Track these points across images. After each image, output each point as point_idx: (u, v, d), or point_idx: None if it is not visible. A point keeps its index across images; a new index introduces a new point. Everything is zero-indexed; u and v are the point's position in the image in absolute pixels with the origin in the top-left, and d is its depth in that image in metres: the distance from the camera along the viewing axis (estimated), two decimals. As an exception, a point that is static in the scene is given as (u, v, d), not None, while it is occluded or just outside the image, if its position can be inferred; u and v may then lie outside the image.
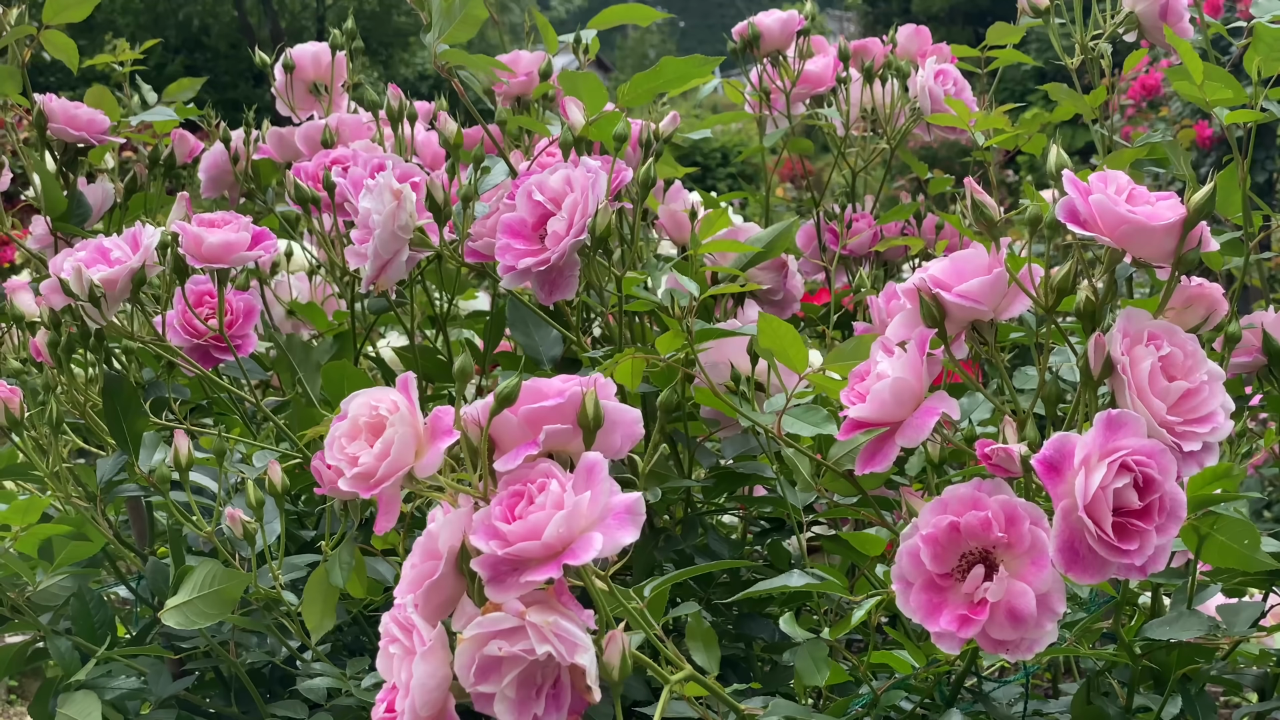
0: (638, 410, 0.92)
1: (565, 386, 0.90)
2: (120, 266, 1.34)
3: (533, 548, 0.83)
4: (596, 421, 0.89)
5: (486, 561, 0.84)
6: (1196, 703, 1.21)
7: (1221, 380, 0.95)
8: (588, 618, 0.87)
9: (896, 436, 0.97)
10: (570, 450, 0.90)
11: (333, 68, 1.72)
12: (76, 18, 1.58)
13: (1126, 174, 0.96)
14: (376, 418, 0.90)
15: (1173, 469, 0.90)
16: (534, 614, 0.84)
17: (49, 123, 1.60)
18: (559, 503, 0.84)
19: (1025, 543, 0.89)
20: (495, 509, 0.86)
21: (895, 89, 1.75)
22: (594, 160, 1.27)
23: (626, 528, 0.85)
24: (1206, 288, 1.03)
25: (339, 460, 0.90)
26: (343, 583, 1.26)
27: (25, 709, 2.88)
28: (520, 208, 1.29)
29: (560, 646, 0.84)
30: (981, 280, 0.96)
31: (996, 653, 0.90)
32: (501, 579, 0.84)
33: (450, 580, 0.87)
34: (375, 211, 1.27)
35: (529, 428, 0.89)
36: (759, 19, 1.82)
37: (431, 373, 1.58)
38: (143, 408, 1.43)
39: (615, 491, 0.86)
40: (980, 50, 1.82)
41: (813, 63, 1.83)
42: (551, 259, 1.25)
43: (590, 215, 1.22)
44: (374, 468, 0.89)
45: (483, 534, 0.85)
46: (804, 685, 1.11)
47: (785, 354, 1.09)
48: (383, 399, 0.90)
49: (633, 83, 1.41)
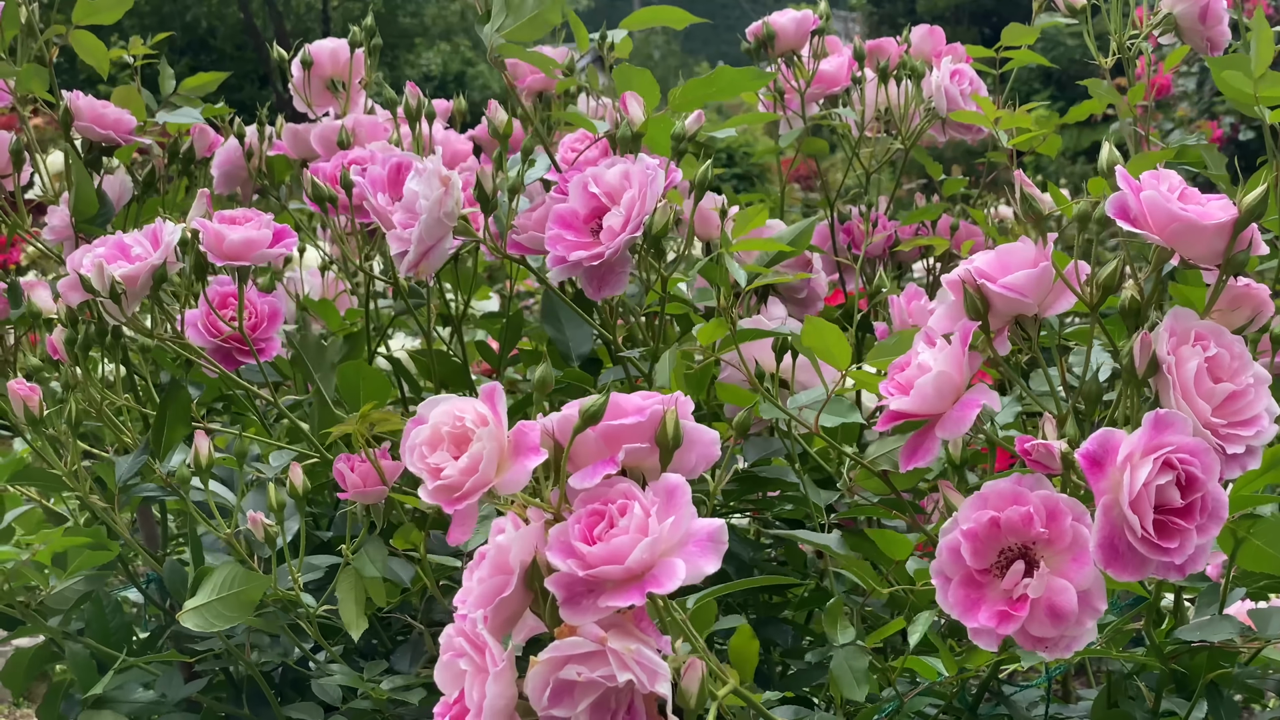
0: (716, 432, 0.91)
1: (645, 404, 0.88)
2: (141, 263, 1.33)
3: (614, 571, 0.81)
4: (676, 441, 0.88)
5: (562, 580, 0.82)
6: (1222, 708, 1.20)
7: (1267, 383, 0.94)
8: (665, 644, 0.85)
9: (937, 429, 0.96)
10: (644, 467, 0.88)
11: (350, 65, 1.71)
12: (108, 20, 1.57)
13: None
14: (461, 429, 0.87)
15: (1216, 468, 0.89)
16: (615, 640, 0.82)
17: (75, 120, 1.59)
18: (643, 528, 0.82)
19: (1067, 538, 0.88)
20: (575, 527, 0.83)
21: (910, 89, 1.74)
22: (652, 158, 1.25)
23: (709, 555, 0.82)
24: (1254, 288, 1.02)
25: (419, 468, 0.87)
26: (377, 573, 1.25)
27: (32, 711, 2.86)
28: (574, 199, 1.27)
29: (642, 674, 0.82)
30: (1027, 273, 0.95)
31: (1034, 650, 0.89)
32: (577, 600, 0.82)
33: (518, 595, 0.85)
34: (423, 196, 1.26)
35: (605, 444, 0.87)
36: (774, 18, 1.82)
37: (446, 377, 1.57)
38: (189, 417, 1.41)
39: (694, 515, 0.84)
40: (995, 51, 1.82)
41: (827, 63, 1.82)
42: (606, 254, 1.23)
43: (648, 213, 1.21)
44: (460, 482, 0.86)
45: (560, 552, 0.83)
46: (842, 697, 1.10)
47: (828, 352, 1.09)
48: (467, 409, 0.87)
49: (685, 89, 1.40)
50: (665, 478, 0.86)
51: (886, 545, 1.24)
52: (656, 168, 1.26)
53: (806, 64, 1.82)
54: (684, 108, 1.40)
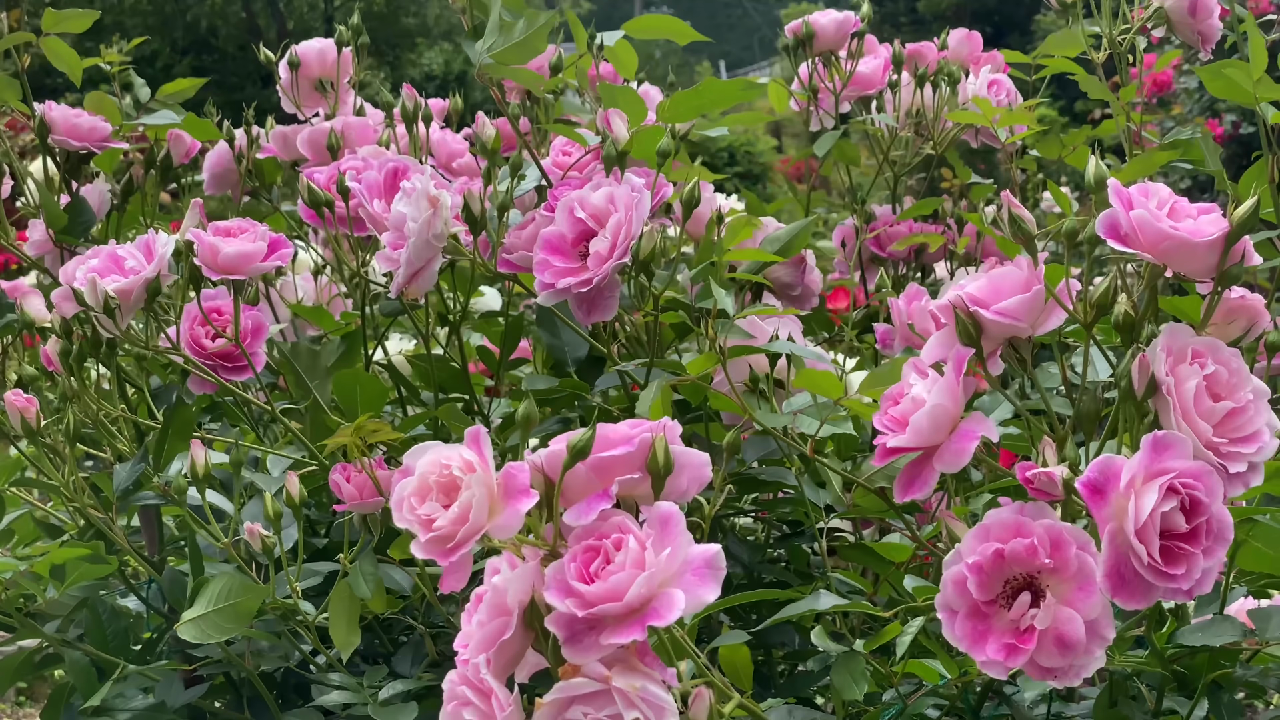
0: (706, 454, 0.90)
1: (633, 433, 0.88)
2: (135, 277, 1.32)
3: (614, 609, 0.81)
4: (668, 469, 0.87)
5: (562, 620, 0.82)
6: (1224, 708, 1.20)
7: (1267, 398, 0.93)
8: (670, 676, 0.84)
9: (935, 462, 0.95)
10: (637, 495, 0.88)
11: (338, 65, 1.69)
12: (76, 29, 1.55)
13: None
14: (448, 477, 0.86)
15: (1219, 491, 0.88)
16: (619, 678, 0.82)
17: (50, 133, 1.57)
18: (639, 562, 0.81)
19: (1072, 568, 0.87)
20: (570, 566, 0.83)
21: (945, 94, 1.73)
22: (638, 178, 1.24)
23: (708, 584, 0.82)
24: (1249, 299, 1.01)
25: (410, 522, 0.86)
26: (369, 594, 1.24)
27: (37, 712, 2.86)
28: (560, 222, 1.26)
29: (649, 712, 0.81)
30: (1020, 298, 0.94)
31: (1044, 679, 0.88)
32: (579, 639, 0.81)
33: (520, 637, 0.85)
34: (411, 219, 1.24)
35: (596, 476, 0.87)
36: (814, 18, 1.79)
37: (445, 382, 1.55)
38: (191, 432, 1.40)
39: (690, 543, 0.83)
40: (1031, 59, 1.79)
41: (864, 64, 1.80)
42: (594, 280, 1.22)
43: (635, 237, 1.19)
44: (452, 532, 0.85)
45: (557, 592, 0.82)
46: (841, 700, 1.10)
47: (820, 389, 1.08)
48: (453, 457, 0.86)
49: (674, 100, 1.39)
50: (658, 506, 0.85)
51: (885, 551, 1.24)
52: (643, 188, 1.24)
53: (844, 65, 1.79)
54: (673, 119, 1.38)
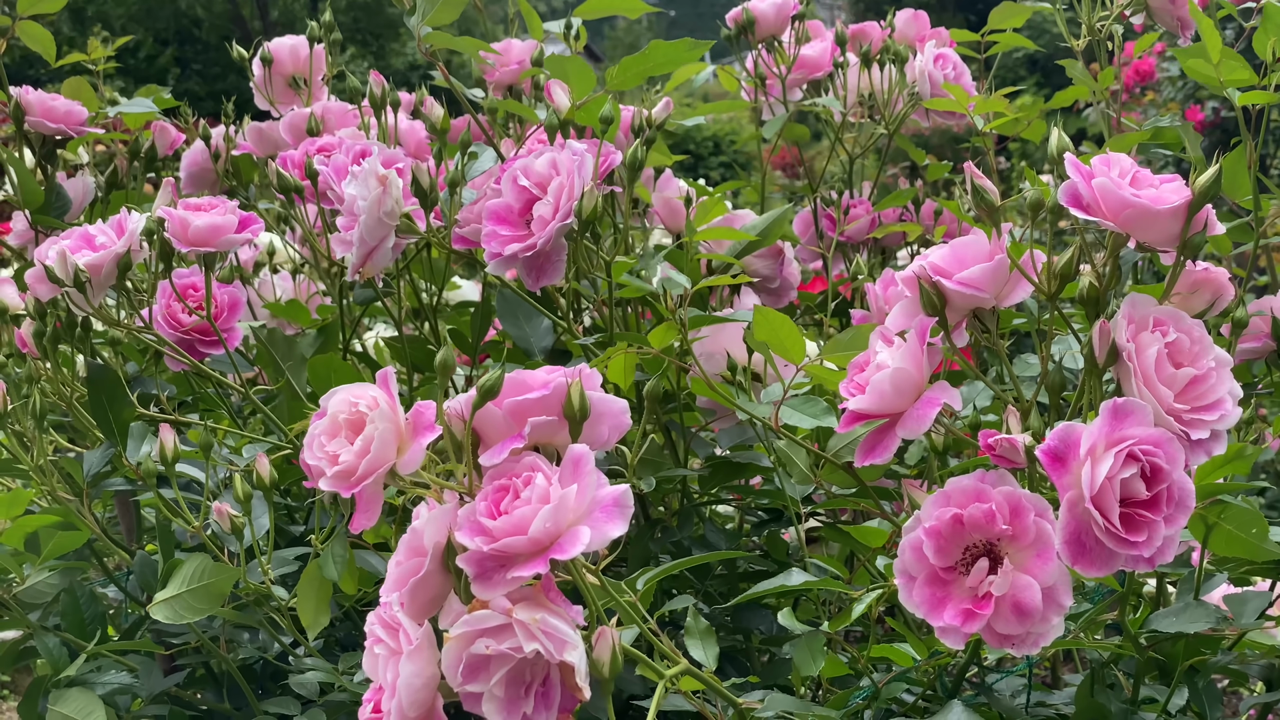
0: (624, 401, 0.90)
1: (549, 378, 0.88)
2: (105, 251, 1.32)
3: (519, 543, 0.81)
4: (583, 413, 0.87)
5: (472, 558, 0.82)
6: (1203, 694, 1.19)
7: (1229, 366, 0.92)
8: (576, 614, 0.85)
9: (898, 428, 0.95)
10: (557, 443, 0.88)
11: (310, 61, 1.69)
12: (50, 9, 1.55)
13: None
14: (356, 414, 0.87)
15: (1180, 458, 0.88)
16: (521, 611, 0.82)
17: (26, 115, 1.58)
18: (545, 497, 0.82)
19: (1030, 535, 0.87)
20: (480, 504, 0.84)
21: (893, 74, 1.72)
22: (580, 144, 1.24)
23: (615, 520, 0.83)
24: (1212, 272, 1.00)
25: (319, 459, 0.87)
26: (336, 577, 1.24)
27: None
28: (506, 193, 1.27)
29: (548, 644, 0.82)
30: (983, 267, 0.94)
31: (1001, 647, 0.88)
32: (488, 576, 0.82)
33: (436, 578, 0.85)
34: (360, 197, 1.25)
35: (514, 421, 0.87)
36: (753, 4, 1.80)
37: (420, 363, 1.56)
38: (129, 397, 1.40)
39: (603, 484, 0.83)
40: (980, 35, 1.79)
41: (809, 48, 1.80)
42: (538, 244, 1.22)
43: (576, 199, 1.20)
44: (354, 465, 0.86)
45: (468, 530, 0.83)
46: (801, 676, 1.09)
47: (781, 345, 1.07)
48: (362, 395, 0.87)
49: (621, 66, 1.39)
50: (570, 448, 0.86)
51: (861, 535, 1.23)
52: (584, 153, 1.25)
53: (788, 50, 1.79)
54: (621, 86, 1.38)
